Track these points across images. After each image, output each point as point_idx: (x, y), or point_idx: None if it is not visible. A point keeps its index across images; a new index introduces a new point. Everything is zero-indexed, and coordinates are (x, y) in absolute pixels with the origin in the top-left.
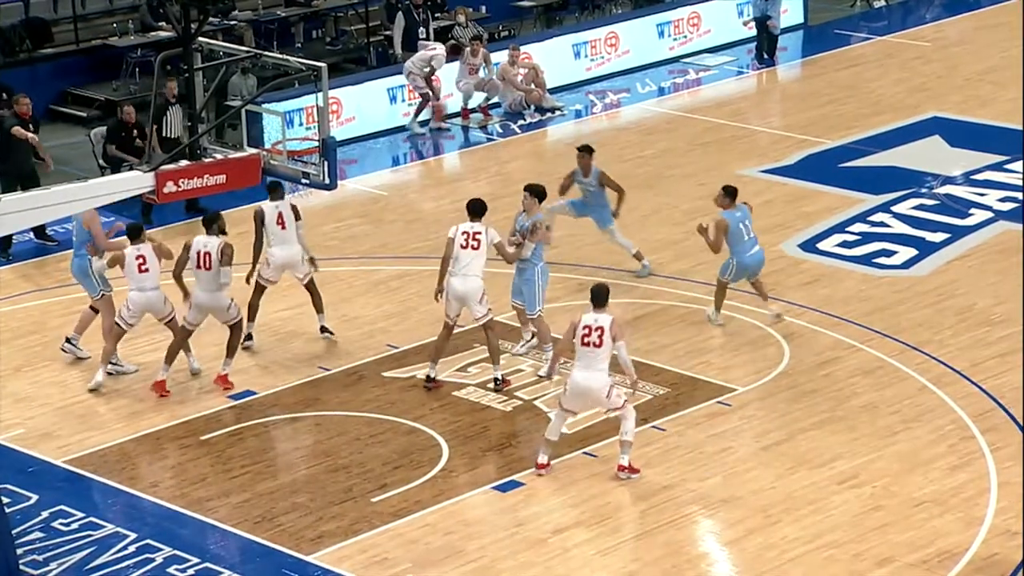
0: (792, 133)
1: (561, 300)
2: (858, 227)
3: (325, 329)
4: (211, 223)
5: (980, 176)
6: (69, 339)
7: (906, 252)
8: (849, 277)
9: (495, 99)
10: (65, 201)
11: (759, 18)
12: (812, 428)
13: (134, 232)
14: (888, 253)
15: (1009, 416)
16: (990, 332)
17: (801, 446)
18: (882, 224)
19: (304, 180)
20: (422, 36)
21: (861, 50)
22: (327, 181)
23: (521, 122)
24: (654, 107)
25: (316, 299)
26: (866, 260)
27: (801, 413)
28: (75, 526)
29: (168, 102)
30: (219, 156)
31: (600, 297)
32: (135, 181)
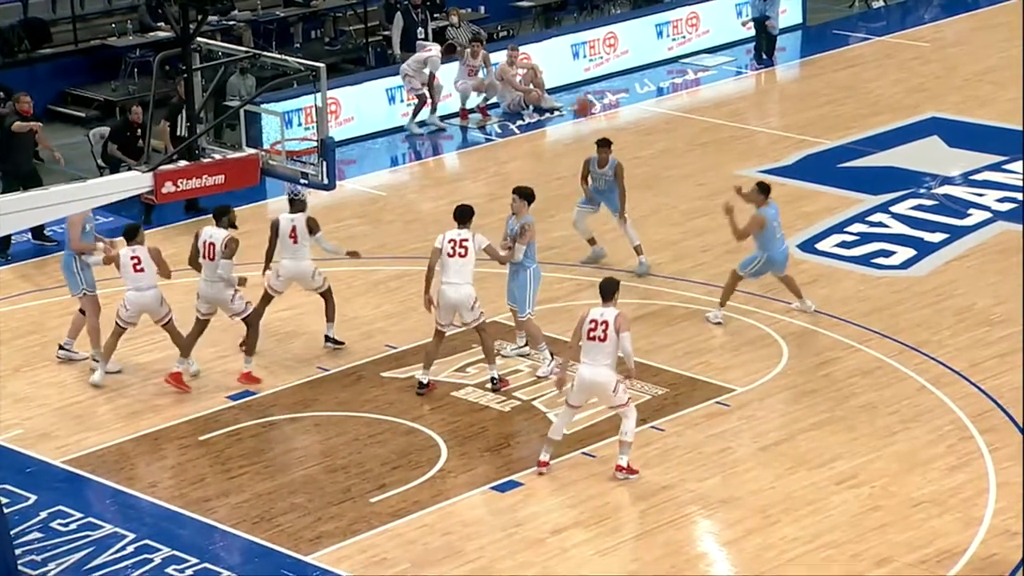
0: (791, 133)
1: (561, 300)
2: (857, 227)
3: (330, 339)
4: (221, 216)
5: (979, 176)
6: (63, 345)
7: (905, 252)
8: (848, 277)
9: (494, 99)
10: (64, 201)
11: (758, 18)
12: (811, 428)
13: (131, 233)
14: (887, 253)
15: (1008, 416)
16: (989, 332)
17: (800, 446)
18: (881, 224)
19: (303, 180)
20: (421, 36)
21: (860, 50)
22: (326, 181)
23: (520, 122)
24: (653, 107)
25: (330, 308)
26: (865, 260)
27: (800, 413)
28: (74, 526)
29: (182, 101)
30: (217, 156)
31: (608, 291)
32: (134, 181)
